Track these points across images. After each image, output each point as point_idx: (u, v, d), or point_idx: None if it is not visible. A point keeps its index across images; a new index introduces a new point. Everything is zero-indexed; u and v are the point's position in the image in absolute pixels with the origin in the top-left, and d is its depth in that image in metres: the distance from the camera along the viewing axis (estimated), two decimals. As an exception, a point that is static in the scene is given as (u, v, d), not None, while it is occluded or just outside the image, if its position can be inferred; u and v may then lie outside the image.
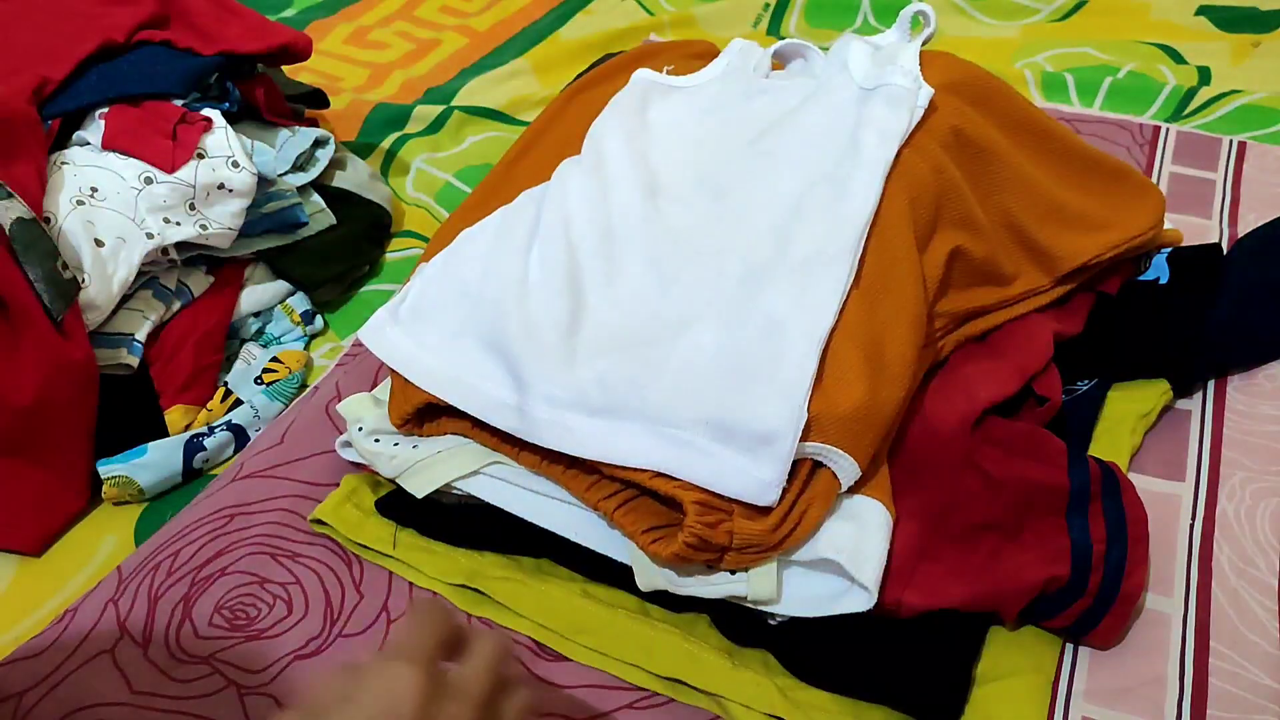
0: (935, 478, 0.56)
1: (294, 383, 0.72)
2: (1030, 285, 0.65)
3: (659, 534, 0.50)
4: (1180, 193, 0.83)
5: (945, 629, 0.52)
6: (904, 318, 0.54)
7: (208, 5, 0.78)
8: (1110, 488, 0.55)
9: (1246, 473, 0.62)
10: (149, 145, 0.69)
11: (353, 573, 0.60)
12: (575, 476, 0.53)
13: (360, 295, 0.81)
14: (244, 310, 0.74)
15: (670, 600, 0.55)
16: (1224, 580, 0.57)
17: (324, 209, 0.80)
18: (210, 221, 0.70)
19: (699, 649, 0.53)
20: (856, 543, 0.50)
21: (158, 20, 0.77)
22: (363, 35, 1.14)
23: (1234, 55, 1.00)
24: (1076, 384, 0.65)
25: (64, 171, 0.68)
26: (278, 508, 0.62)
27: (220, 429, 0.68)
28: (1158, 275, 0.69)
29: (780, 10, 1.13)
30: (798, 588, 0.51)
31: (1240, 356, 0.68)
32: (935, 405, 0.58)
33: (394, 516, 0.60)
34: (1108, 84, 0.96)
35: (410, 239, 0.86)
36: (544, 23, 1.15)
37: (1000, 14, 1.10)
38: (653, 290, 0.55)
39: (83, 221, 0.65)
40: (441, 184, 0.91)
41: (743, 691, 0.52)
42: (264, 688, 0.54)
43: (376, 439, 0.59)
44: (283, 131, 0.80)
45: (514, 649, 0.41)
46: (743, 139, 0.63)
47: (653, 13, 1.14)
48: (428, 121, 0.97)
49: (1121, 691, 0.53)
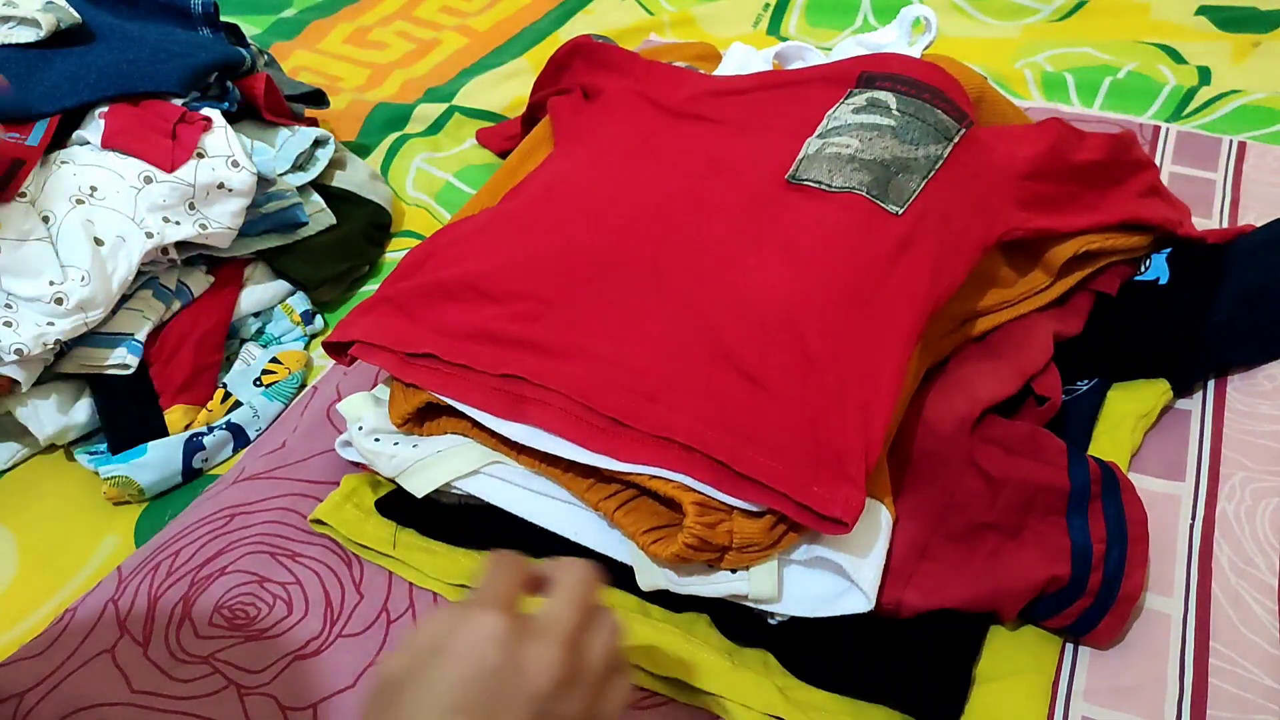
0: (935, 478, 0.56)
1: (293, 383, 0.72)
2: (1030, 285, 0.65)
3: (659, 534, 0.50)
4: (1180, 193, 0.82)
5: (945, 629, 0.52)
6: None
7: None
8: (1110, 488, 0.55)
9: (1246, 473, 0.62)
10: (148, 144, 0.69)
11: (353, 573, 0.60)
12: (575, 477, 0.53)
13: (360, 295, 0.81)
14: (244, 310, 0.74)
15: (670, 600, 0.55)
16: (1224, 580, 0.57)
17: (324, 209, 0.80)
18: (210, 221, 0.70)
19: (699, 649, 0.53)
20: (856, 543, 0.50)
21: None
22: (363, 35, 1.14)
23: (1234, 55, 1.00)
24: (1076, 384, 0.65)
25: (64, 171, 0.68)
26: (278, 507, 0.62)
27: (219, 428, 0.68)
28: (1158, 275, 0.70)
29: (780, 10, 1.13)
30: (798, 587, 0.51)
31: (1240, 356, 0.68)
32: (935, 405, 0.58)
33: (394, 516, 0.60)
34: (1108, 84, 0.96)
35: (410, 239, 0.86)
36: (544, 23, 1.15)
37: (1000, 14, 1.10)
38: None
39: (82, 220, 0.65)
40: (441, 184, 0.91)
41: (743, 691, 0.52)
42: (264, 688, 0.54)
43: (376, 438, 0.59)
44: (283, 131, 0.80)
45: (599, 573, 0.42)
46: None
47: (653, 13, 1.14)
48: (428, 122, 0.97)
49: (1121, 691, 0.53)
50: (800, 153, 0.60)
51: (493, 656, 0.37)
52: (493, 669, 0.37)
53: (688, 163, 0.63)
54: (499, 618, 0.38)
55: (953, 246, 0.57)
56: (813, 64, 0.70)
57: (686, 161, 0.63)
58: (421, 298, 0.58)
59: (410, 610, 0.57)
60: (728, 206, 0.59)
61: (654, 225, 0.59)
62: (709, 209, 0.59)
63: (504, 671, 0.37)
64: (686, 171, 0.62)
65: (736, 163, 0.62)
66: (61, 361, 0.66)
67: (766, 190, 0.59)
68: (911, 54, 0.62)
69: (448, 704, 0.36)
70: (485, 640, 0.37)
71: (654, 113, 0.69)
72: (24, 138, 0.69)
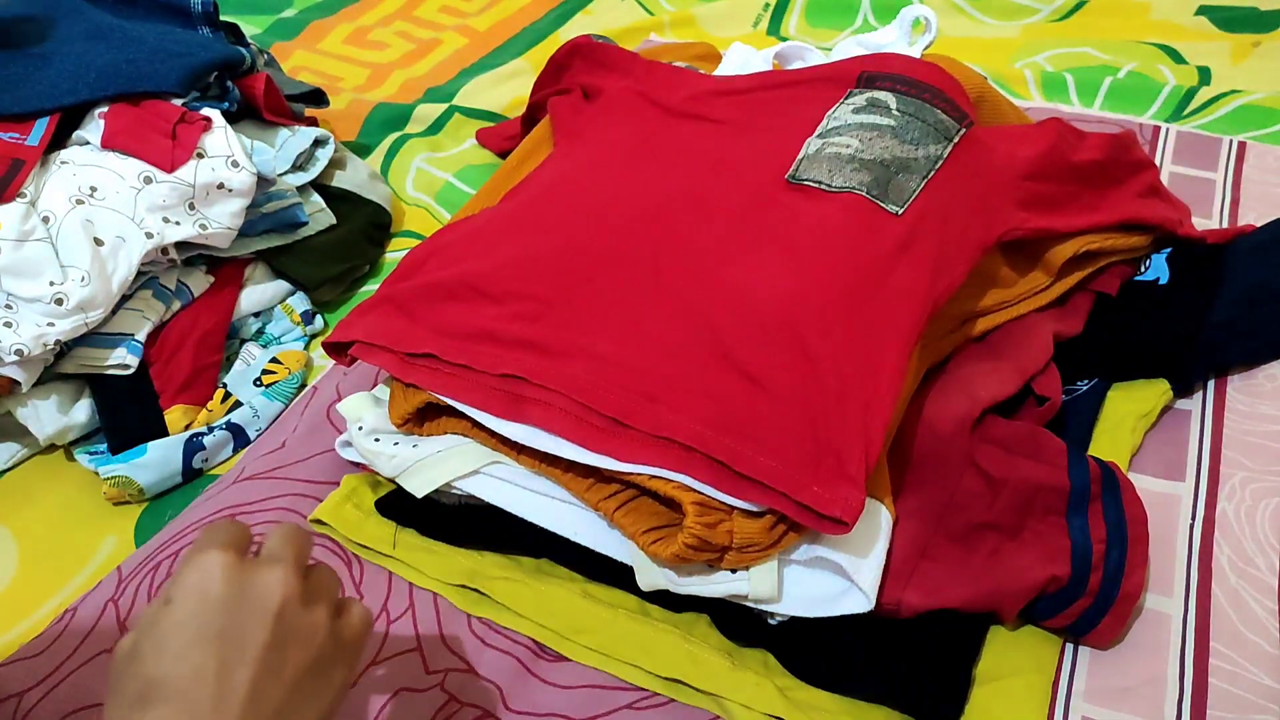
0: (935, 478, 0.56)
1: (293, 383, 0.72)
2: (1030, 285, 0.65)
3: (659, 534, 0.50)
4: (1180, 193, 0.82)
5: (945, 629, 0.52)
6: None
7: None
8: (1110, 488, 0.55)
9: (1246, 473, 0.62)
10: (148, 144, 0.69)
11: (353, 573, 0.59)
12: (575, 477, 0.53)
13: (360, 295, 0.81)
14: (244, 310, 0.74)
15: (670, 600, 0.55)
16: (1224, 580, 0.57)
17: (324, 209, 0.80)
18: (210, 221, 0.70)
19: (699, 649, 0.53)
20: (856, 543, 0.50)
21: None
22: (363, 35, 1.14)
23: (1234, 55, 1.00)
24: (1076, 384, 0.65)
25: (63, 171, 0.68)
26: (278, 507, 0.62)
27: (219, 428, 0.68)
28: (1158, 275, 0.70)
29: (780, 10, 1.13)
30: (798, 587, 0.51)
31: (1240, 356, 0.68)
32: (935, 405, 0.58)
33: (394, 516, 0.60)
34: (1108, 84, 0.96)
35: (410, 239, 0.86)
36: (544, 23, 1.15)
37: (1000, 14, 1.10)
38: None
39: (82, 220, 0.65)
40: (441, 184, 0.91)
41: (743, 691, 0.52)
42: (264, 687, 0.54)
43: (376, 438, 0.59)
44: (282, 131, 0.80)
45: (307, 533, 0.43)
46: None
47: (653, 13, 1.14)
48: (428, 122, 0.97)
49: (1121, 691, 0.53)
50: (800, 153, 0.60)
51: (220, 588, 0.38)
52: (222, 599, 0.37)
53: (688, 163, 0.63)
54: (220, 554, 0.39)
55: (953, 246, 0.57)
56: (813, 64, 0.70)
57: (686, 161, 0.63)
58: (421, 298, 0.58)
59: (410, 610, 0.57)
60: (728, 206, 0.59)
61: (654, 225, 0.59)
62: (709, 209, 0.59)
63: (235, 599, 0.38)
64: (686, 171, 0.62)
65: (737, 163, 0.62)
66: (61, 361, 0.66)
67: (766, 190, 0.59)
68: (911, 54, 0.62)
69: (185, 639, 0.37)
70: (210, 576, 0.38)
71: (654, 113, 0.69)
72: (24, 138, 0.69)
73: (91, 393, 0.68)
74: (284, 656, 0.38)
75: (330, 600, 0.41)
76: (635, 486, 0.51)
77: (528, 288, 0.57)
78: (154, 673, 0.36)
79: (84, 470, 0.68)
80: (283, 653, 0.38)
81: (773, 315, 0.52)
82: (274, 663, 0.37)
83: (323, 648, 0.39)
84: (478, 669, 0.55)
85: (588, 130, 0.71)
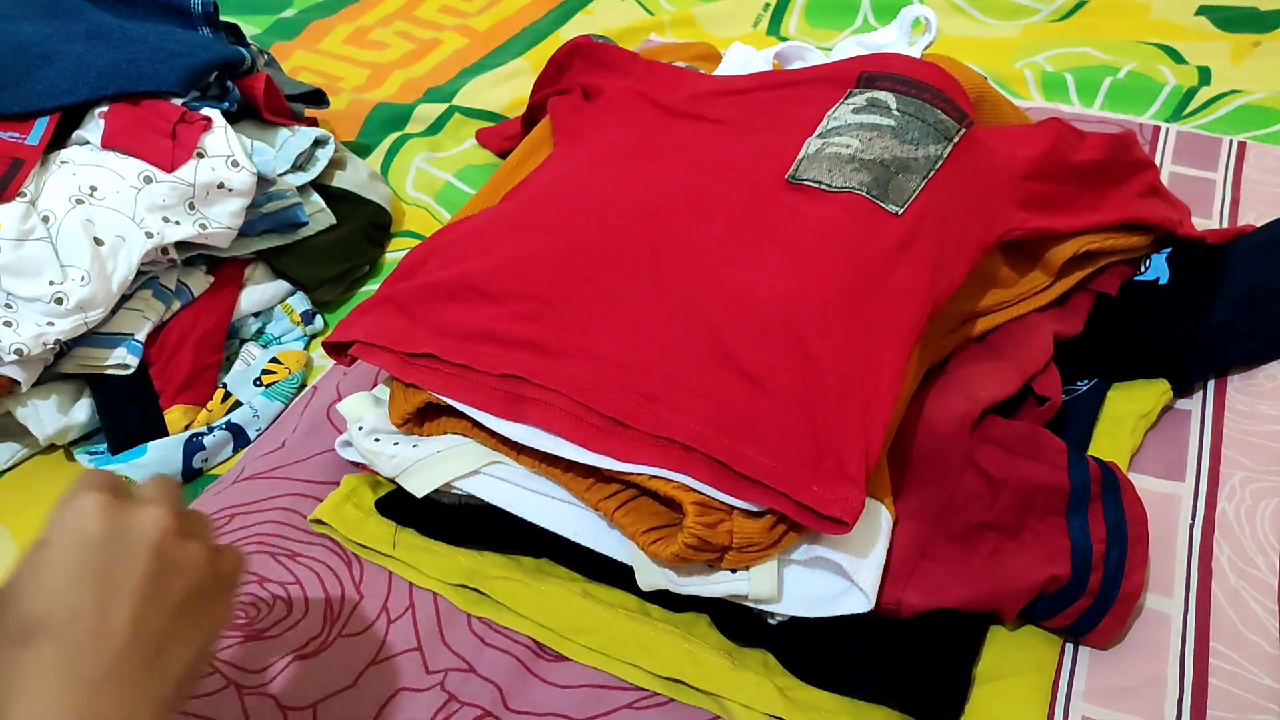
0: (935, 478, 0.56)
1: (293, 383, 0.72)
2: (1030, 285, 0.65)
3: (659, 534, 0.50)
4: (1180, 193, 0.82)
5: (945, 629, 0.52)
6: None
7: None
8: (1110, 487, 0.55)
9: (1246, 473, 0.62)
10: (148, 144, 0.69)
11: (352, 573, 0.59)
12: (575, 477, 0.53)
13: (360, 295, 0.81)
14: (244, 310, 0.74)
15: (670, 600, 0.55)
16: (1224, 580, 0.57)
17: (324, 209, 0.80)
18: (210, 221, 0.70)
19: (699, 649, 0.53)
20: (856, 543, 0.50)
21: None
22: (363, 35, 1.14)
23: (1234, 55, 1.00)
24: (1076, 384, 0.65)
25: (63, 170, 0.68)
26: (278, 507, 0.62)
27: (219, 428, 0.68)
28: (1158, 275, 0.70)
29: (780, 10, 1.13)
30: (798, 587, 0.51)
31: (1240, 356, 0.68)
32: (935, 405, 0.58)
33: (394, 516, 0.60)
34: (1108, 84, 0.96)
35: (410, 239, 0.86)
36: (544, 23, 1.15)
37: (1000, 14, 1.10)
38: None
39: (82, 220, 0.65)
40: (441, 184, 0.91)
41: (743, 691, 0.52)
42: (264, 688, 0.54)
43: (376, 438, 0.59)
44: (282, 131, 0.80)
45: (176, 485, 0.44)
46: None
47: (653, 13, 1.14)
48: (428, 122, 0.97)
49: (1121, 691, 0.53)
50: (800, 153, 0.60)
51: (97, 527, 0.38)
52: (99, 537, 0.38)
53: (688, 163, 0.63)
54: (95, 494, 0.39)
55: (953, 246, 0.57)
56: (813, 64, 0.70)
57: (686, 161, 0.63)
58: (421, 298, 0.58)
59: (410, 610, 0.57)
60: (728, 206, 0.59)
61: (654, 225, 0.59)
62: (709, 209, 0.59)
63: (112, 536, 0.38)
64: (686, 171, 0.62)
65: (736, 163, 0.62)
66: (61, 361, 0.66)
67: (766, 190, 0.59)
68: (911, 54, 0.62)
69: (64, 577, 0.37)
70: (86, 515, 0.38)
71: (654, 113, 0.69)
72: (24, 137, 0.69)
73: (91, 393, 0.68)
74: (164, 586, 0.38)
75: (205, 537, 0.41)
76: (635, 486, 0.51)
77: (528, 288, 0.57)
78: (34, 609, 0.36)
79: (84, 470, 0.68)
80: (162, 582, 0.38)
81: (773, 315, 0.52)
82: (154, 593, 0.38)
83: (203, 579, 0.40)
84: (478, 669, 0.55)
85: (588, 130, 0.71)
